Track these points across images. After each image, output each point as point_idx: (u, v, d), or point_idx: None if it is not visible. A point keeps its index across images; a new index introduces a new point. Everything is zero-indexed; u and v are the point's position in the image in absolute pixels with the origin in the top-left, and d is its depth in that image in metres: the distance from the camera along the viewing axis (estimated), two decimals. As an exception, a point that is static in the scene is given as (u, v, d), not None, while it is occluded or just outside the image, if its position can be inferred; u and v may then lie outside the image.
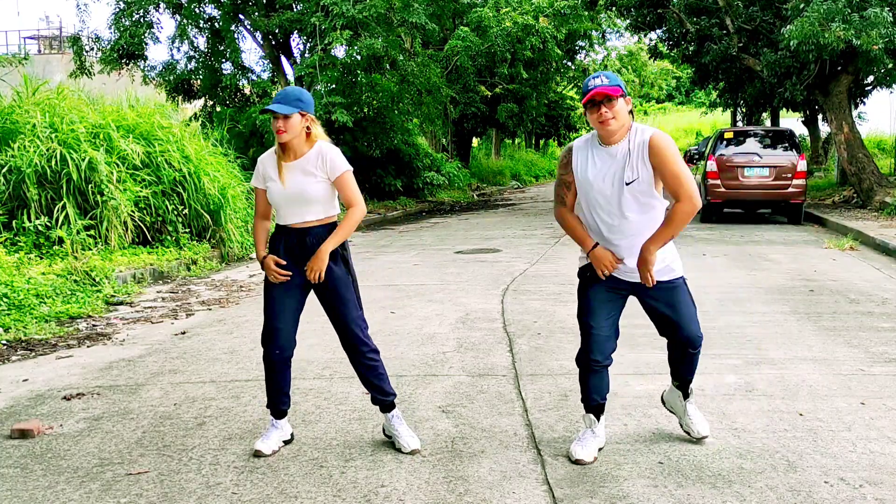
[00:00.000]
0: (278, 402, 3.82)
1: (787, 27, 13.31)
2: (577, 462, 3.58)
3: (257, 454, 3.73)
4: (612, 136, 3.45)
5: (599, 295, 3.70)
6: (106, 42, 17.13)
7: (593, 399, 3.72)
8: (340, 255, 3.73)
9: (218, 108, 18.35)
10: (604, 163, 3.49)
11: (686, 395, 3.84)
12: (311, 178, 3.67)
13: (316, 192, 3.67)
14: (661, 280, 3.56)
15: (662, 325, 3.69)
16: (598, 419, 3.73)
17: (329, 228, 3.72)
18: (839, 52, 13.64)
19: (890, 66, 13.95)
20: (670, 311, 3.61)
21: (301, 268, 3.70)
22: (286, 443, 3.86)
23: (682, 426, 3.86)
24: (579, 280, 3.79)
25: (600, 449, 3.72)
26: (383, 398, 3.82)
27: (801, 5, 13.47)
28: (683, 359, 3.73)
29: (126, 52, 16.68)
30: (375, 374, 3.79)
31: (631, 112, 3.50)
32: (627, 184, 3.43)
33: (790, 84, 15.91)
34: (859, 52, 13.70)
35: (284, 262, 3.69)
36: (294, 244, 3.71)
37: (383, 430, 3.91)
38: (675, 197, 3.43)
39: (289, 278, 3.68)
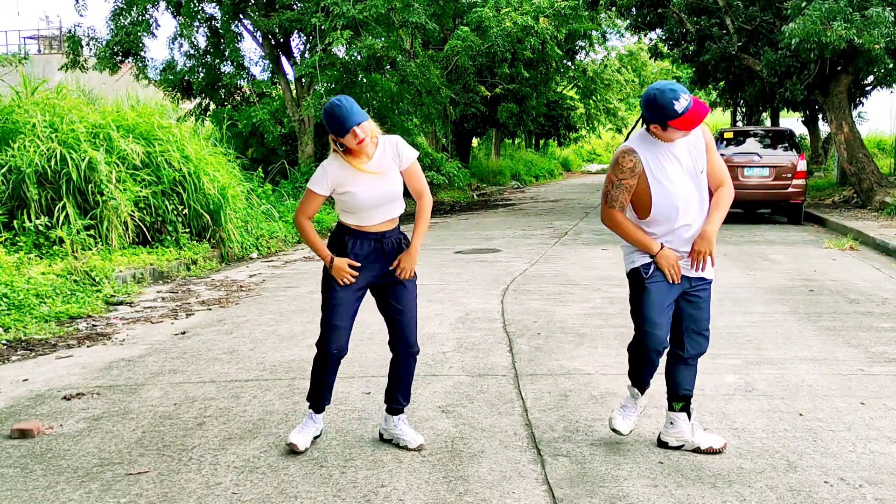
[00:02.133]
0: (323, 399, 3.86)
1: (789, 25, 13.30)
2: (613, 430, 3.71)
3: (292, 448, 3.73)
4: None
5: (668, 294, 3.60)
6: (102, 39, 17.11)
7: (644, 380, 3.83)
8: (404, 240, 3.83)
9: (213, 107, 18.35)
10: (676, 157, 3.51)
11: (678, 410, 3.78)
12: (392, 173, 3.72)
13: (398, 187, 3.73)
14: (707, 277, 3.65)
15: (689, 321, 3.70)
16: (643, 392, 3.83)
17: (398, 227, 3.82)
18: (840, 51, 13.64)
19: (891, 65, 13.94)
20: (702, 307, 3.67)
21: (374, 269, 3.73)
22: (315, 438, 3.88)
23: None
24: (634, 281, 3.65)
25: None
26: (405, 403, 3.89)
27: (803, 4, 13.47)
28: (685, 363, 3.76)
29: (122, 49, 16.66)
30: (412, 375, 3.88)
31: None
32: (701, 172, 3.55)
33: (791, 84, 15.91)
34: (860, 52, 13.70)
35: (358, 265, 3.70)
36: (368, 246, 3.73)
37: (380, 435, 3.91)
38: (721, 181, 3.61)
39: (355, 280, 3.71)
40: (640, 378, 3.80)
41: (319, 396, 3.84)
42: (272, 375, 5.07)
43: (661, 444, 3.76)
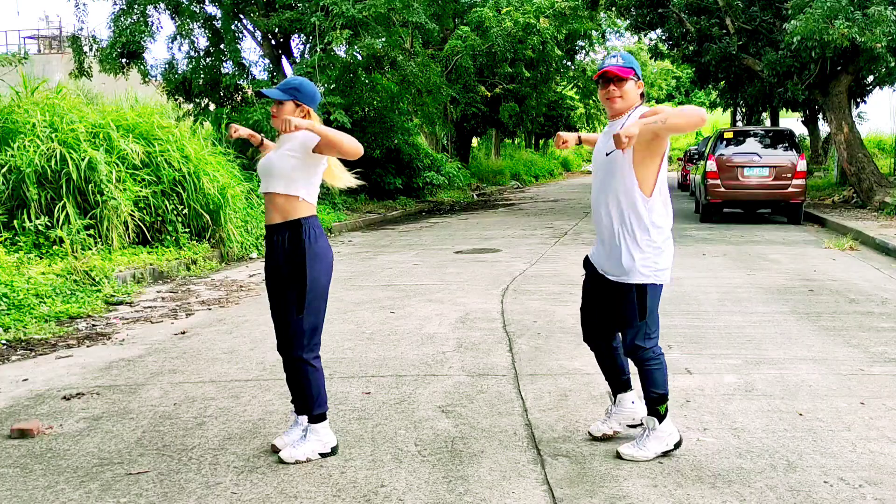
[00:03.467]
0: (297, 399, 3.85)
1: (791, 23, 13.30)
2: (590, 436, 3.84)
3: (273, 449, 3.75)
4: (617, 113, 3.54)
5: (586, 284, 3.82)
6: (104, 41, 17.11)
7: (605, 377, 3.89)
8: (290, 238, 3.62)
9: (214, 107, 18.34)
10: (604, 136, 3.63)
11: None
12: (282, 152, 3.69)
13: (280, 163, 3.66)
14: (608, 272, 3.62)
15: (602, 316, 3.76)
16: (616, 397, 3.86)
17: (292, 223, 3.62)
18: (841, 50, 13.65)
19: (893, 64, 13.93)
20: (613, 306, 3.66)
21: (270, 264, 3.69)
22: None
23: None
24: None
25: (635, 426, 3.82)
26: (304, 411, 3.76)
27: (805, 2, 13.47)
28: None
29: (125, 51, 16.67)
30: (305, 384, 3.71)
31: (642, 95, 3.59)
32: (607, 154, 3.52)
33: (791, 84, 15.91)
34: (862, 51, 13.70)
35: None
36: (268, 239, 3.72)
37: (273, 448, 3.79)
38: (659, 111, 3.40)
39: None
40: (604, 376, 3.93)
41: (294, 397, 3.84)
42: (272, 375, 5.06)
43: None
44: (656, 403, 3.59)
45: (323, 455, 3.67)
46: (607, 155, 3.50)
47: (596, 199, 3.61)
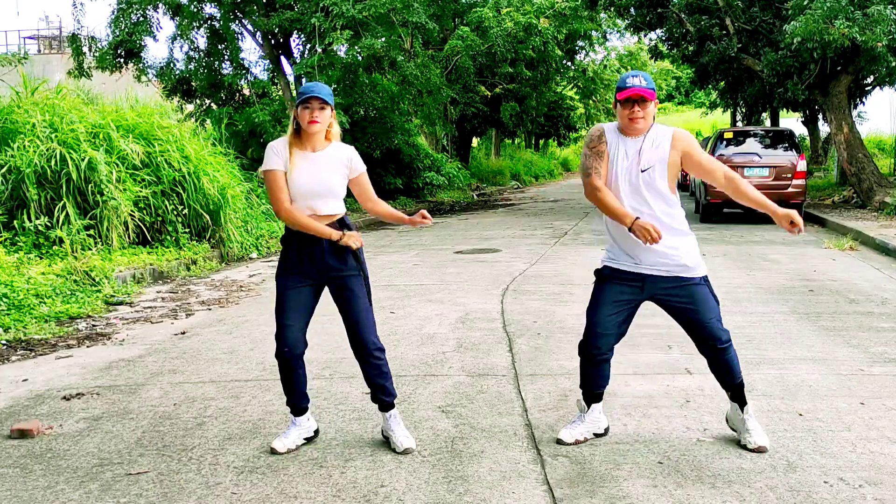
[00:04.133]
0: (297, 401, 3.85)
1: (791, 24, 13.30)
2: (557, 441, 3.80)
3: (272, 451, 3.75)
4: (638, 133, 3.62)
5: (609, 294, 3.72)
6: (102, 40, 17.11)
7: (589, 387, 3.88)
8: (353, 253, 3.72)
9: (214, 107, 18.35)
10: (627, 152, 3.63)
11: (742, 405, 3.77)
12: (335, 171, 3.68)
13: (336, 185, 3.68)
14: (682, 276, 3.64)
15: (684, 326, 3.74)
16: (590, 406, 3.88)
17: (340, 222, 3.73)
18: (841, 50, 13.64)
19: (893, 63, 13.92)
20: (687, 310, 3.66)
21: (316, 266, 3.68)
22: (309, 439, 3.88)
23: (740, 443, 3.76)
24: (595, 279, 3.82)
25: (599, 435, 3.86)
26: (390, 398, 3.83)
27: (805, 2, 13.47)
28: (715, 361, 3.73)
29: (124, 50, 16.66)
30: (384, 372, 3.79)
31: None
32: (643, 171, 3.59)
33: (791, 84, 15.90)
34: (862, 51, 13.69)
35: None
36: (308, 245, 3.68)
37: (382, 432, 3.91)
38: (715, 170, 3.66)
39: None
40: (584, 380, 3.89)
41: (290, 398, 3.85)
42: (272, 375, 5.06)
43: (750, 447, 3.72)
44: (742, 389, 3.77)
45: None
46: (643, 171, 3.60)
47: (635, 210, 3.60)
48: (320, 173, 3.66)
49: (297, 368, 3.80)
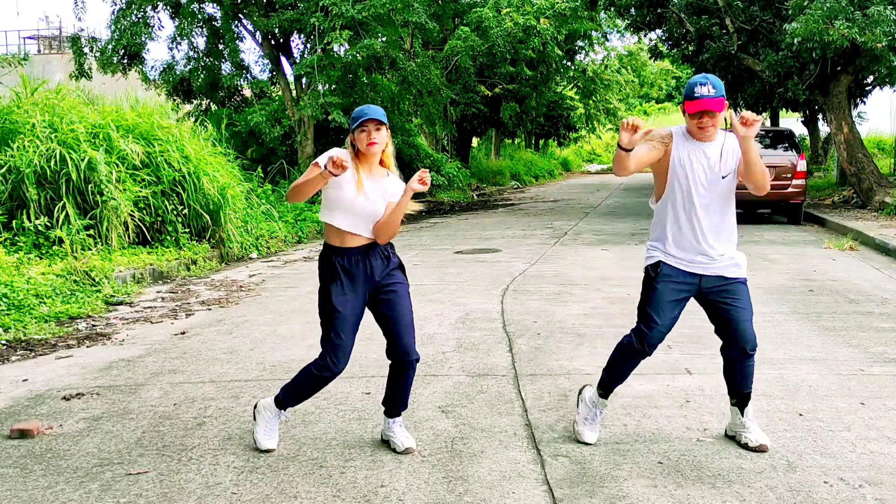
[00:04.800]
0: (298, 403, 3.86)
1: (791, 25, 13.29)
2: (583, 442, 3.79)
3: (266, 451, 3.76)
4: (710, 138, 3.63)
5: (669, 293, 3.68)
6: (104, 42, 17.12)
7: (618, 383, 3.84)
8: (399, 263, 3.76)
9: (214, 108, 18.37)
10: (700, 156, 3.64)
11: (743, 410, 3.77)
12: (382, 202, 3.67)
13: (381, 212, 3.68)
14: (727, 276, 3.66)
15: (720, 324, 3.74)
16: (605, 402, 3.90)
17: (386, 246, 3.75)
18: (841, 50, 13.64)
19: (894, 63, 13.92)
20: (729, 308, 3.66)
21: (365, 282, 3.67)
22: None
23: (738, 442, 3.77)
24: (645, 276, 3.78)
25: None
26: (402, 409, 3.85)
27: (805, 3, 13.46)
28: (738, 364, 3.70)
29: (126, 52, 16.68)
30: (410, 383, 3.81)
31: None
32: (723, 177, 3.62)
33: (792, 84, 15.90)
34: (862, 51, 13.69)
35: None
36: (356, 260, 3.66)
37: (381, 435, 3.92)
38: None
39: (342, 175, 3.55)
40: (617, 376, 3.83)
41: (300, 403, 3.84)
42: (272, 375, 5.06)
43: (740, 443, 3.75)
44: (749, 397, 3.78)
45: None
46: (724, 178, 3.64)
47: (710, 212, 3.64)
48: (377, 201, 3.67)
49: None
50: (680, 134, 3.69)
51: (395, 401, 3.81)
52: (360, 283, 3.68)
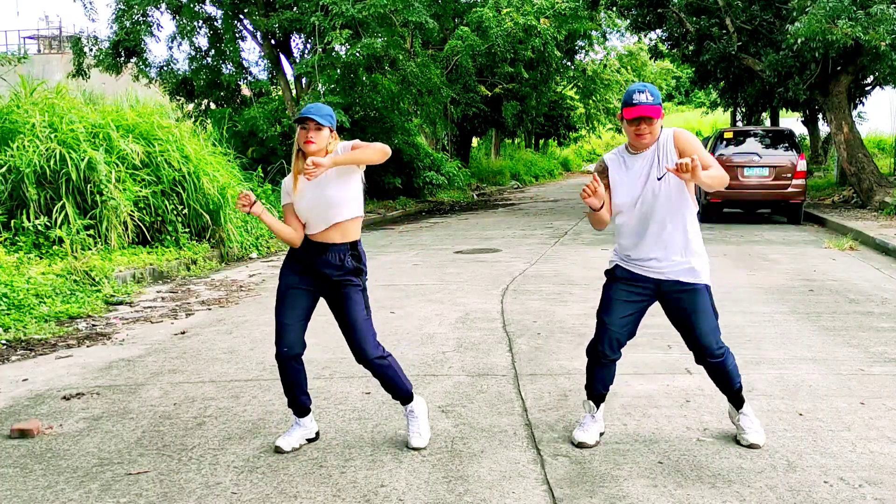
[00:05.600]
0: (298, 401, 3.86)
1: (795, 25, 13.29)
2: (579, 445, 3.74)
3: (277, 450, 3.76)
4: (645, 147, 3.63)
5: (619, 293, 3.73)
6: (104, 40, 17.12)
7: (597, 389, 3.84)
8: (355, 267, 3.75)
9: (213, 107, 18.36)
10: (633, 166, 3.65)
11: (738, 408, 3.79)
12: (332, 182, 3.67)
13: (337, 193, 3.68)
14: (683, 280, 3.64)
15: (681, 331, 3.74)
16: (598, 406, 3.86)
17: (350, 245, 3.75)
18: (843, 49, 13.64)
19: None
20: (686, 315, 3.65)
21: (315, 276, 3.72)
22: (310, 441, 3.89)
23: (736, 438, 3.80)
24: (606, 278, 3.84)
25: (601, 434, 3.87)
26: (406, 394, 3.85)
27: (807, 3, 13.46)
28: (709, 369, 3.73)
29: (124, 49, 16.67)
30: (393, 375, 3.80)
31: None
32: (658, 178, 3.59)
33: (793, 84, 15.90)
34: (865, 50, 13.68)
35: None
36: (313, 253, 3.72)
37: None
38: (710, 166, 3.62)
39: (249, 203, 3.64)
40: (592, 381, 3.84)
41: (292, 398, 3.85)
42: (272, 375, 5.06)
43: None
44: (740, 393, 3.78)
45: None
46: (659, 179, 3.60)
47: (655, 217, 3.61)
48: (322, 191, 3.67)
49: (295, 368, 3.81)
50: (616, 154, 3.75)
51: (394, 395, 3.85)
52: (310, 272, 3.73)
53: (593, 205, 3.55)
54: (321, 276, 3.73)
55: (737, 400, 3.79)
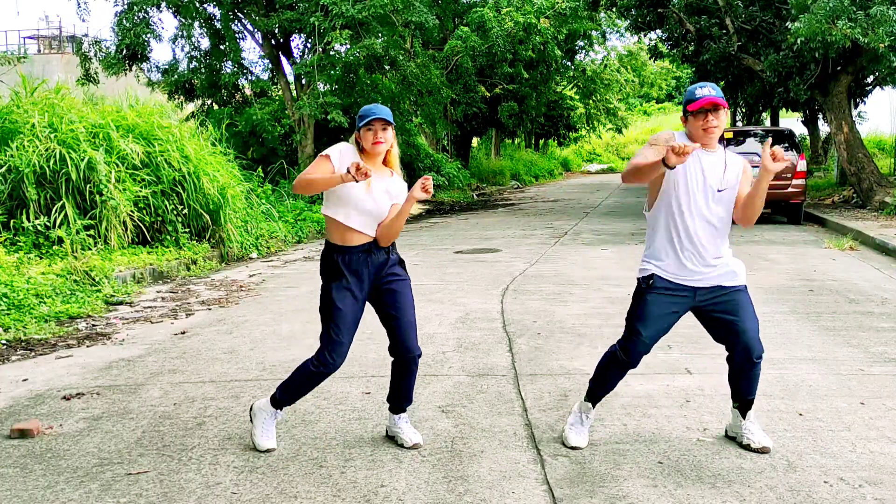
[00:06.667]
0: (296, 401, 3.86)
1: (795, 24, 13.28)
2: (574, 448, 3.73)
3: (268, 451, 3.77)
4: (713, 143, 3.58)
5: (660, 307, 3.62)
6: (108, 43, 17.14)
7: (605, 393, 3.83)
8: (399, 259, 3.77)
9: (216, 107, 18.36)
10: (699, 166, 3.56)
11: (745, 414, 3.76)
12: (388, 202, 3.68)
13: (386, 211, 3.69)
14: (725, 285, 3.62)
15: (725, 332, 3.66)
16: (594, 408, 3.88)
17: (389, 247, 3.76)
18: (842, 50, 13.64)
19: (895, 63, 13.91)
20: (733, 316, 3.61)
21: (367, 279, 3.68)
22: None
23: (740, 443, 3.75)
24: (637, 287, 3.71)
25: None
26: (407, 404, 3.86)
27: (809, 2, 13.46)
28: (744, 371, 3.66)
29: (130, 52, 16.69)
30: (414, 379, 3.83)
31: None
32: (719, 191, 3.57)
33: (793, 84, 15.90)
34: (864, 51, 13.69)
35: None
36: (358, 258, 3.67)
37: (386, 432, 3.93)
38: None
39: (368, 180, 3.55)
40: (602, 386, 3.81)
41: (296, 400, 3.84)
42: (272, 375, 5.06)
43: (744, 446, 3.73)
44: (752, 404, 3.76)
45: None
46: (719, 192, 3.57)
47: (703, 224, 3.56)
48: (382, 201, 3.67)
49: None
50: (683, 138, 3.62)
51: (401, 397, 3.83)
52: (362, 281, 3.69)
53: (673, 162, 3.27)
54: (369, 277, 3.69)
55: (748, 407, 3.75)
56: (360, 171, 3.40)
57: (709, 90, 3.51)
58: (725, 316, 3.62)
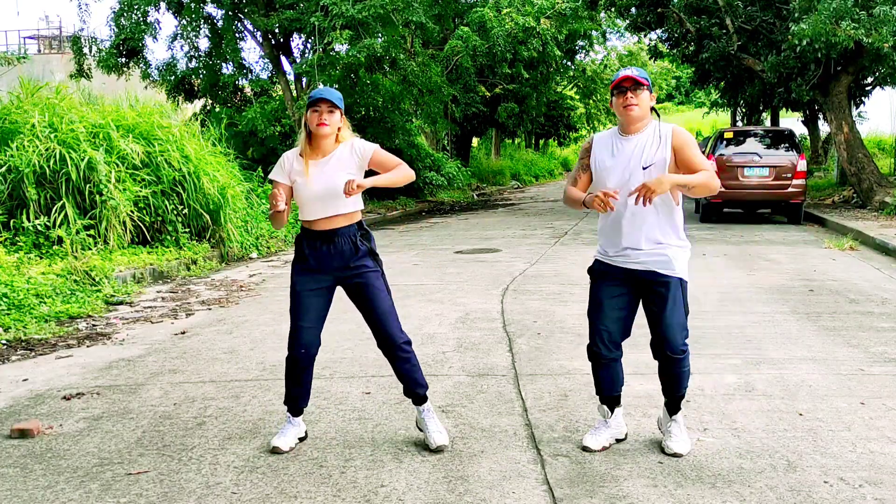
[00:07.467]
0: (299, 401, 3.86)
1: (798, 26, 13.28)
2: (584, 449, 3.71)
3: (275, 451, 3.75)
4: (634, 122, 3.57)
5: (603, 290, 3.69)
6: (104, 40, 17.14)
7: (605, 390, 3.80)
8: (368, 249, 3.77)
9: (217, 108, 18.36)
10: (622, 150, 3.60)
11: (673, 414, 3.74)
12: (343, 171, 3.69)
13: (343, 183, 3.65)
14: (656, 271, 3.58)
15: (652, 323, 3.67)
16: (612, 411, 3.81)
17: (356, 224, 3.75)
18: (844, 50, 13.64)
19: None
20: (654, 307, 3.60)
21: (332, 269, 3.70)
22: (301, 439, 3.89)
23: (660, 445, 3.75)
24: (590, 278, 3.80)
25: (620, 440, 3.82)
26: (416, 390, 3.84)
27: (812, 3, 13.45)
28: (663, 367, 3.66)
29: (126, 49, 16.68)
30: (414, 366, 3.82)
31: (654, 110, 3.62)
32: (644, 168, 3.53)
33: (795, 85, 15.90)
34: (867, 51, 13.68)
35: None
36: (322, 246, 3.71)
37: (416, 424, 3.92)
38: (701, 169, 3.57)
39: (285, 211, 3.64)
40: (598, 384, 3.81)
41: (295, 398, 3.85)
42: (272, 375, 5.06)
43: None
44: (680, 401, 3.75)
45: None
46: (645, 168, 3.53)
47: (635, 206, 3.51)
48: (331, 177, 3.67)
49: (308, 369, 3.82)
50: (605, 136, 3.70)
51: (408, 385, 3.83)
52: (325, 266, 3.72)
53: (596, 206, 3.48)
54: (335, 270, 3.72)
55: (675, 406, 3.73)
56: (273, 205, 3.61)
57: (630, 71, 3.54)
58: (652, 306, 3.62)
